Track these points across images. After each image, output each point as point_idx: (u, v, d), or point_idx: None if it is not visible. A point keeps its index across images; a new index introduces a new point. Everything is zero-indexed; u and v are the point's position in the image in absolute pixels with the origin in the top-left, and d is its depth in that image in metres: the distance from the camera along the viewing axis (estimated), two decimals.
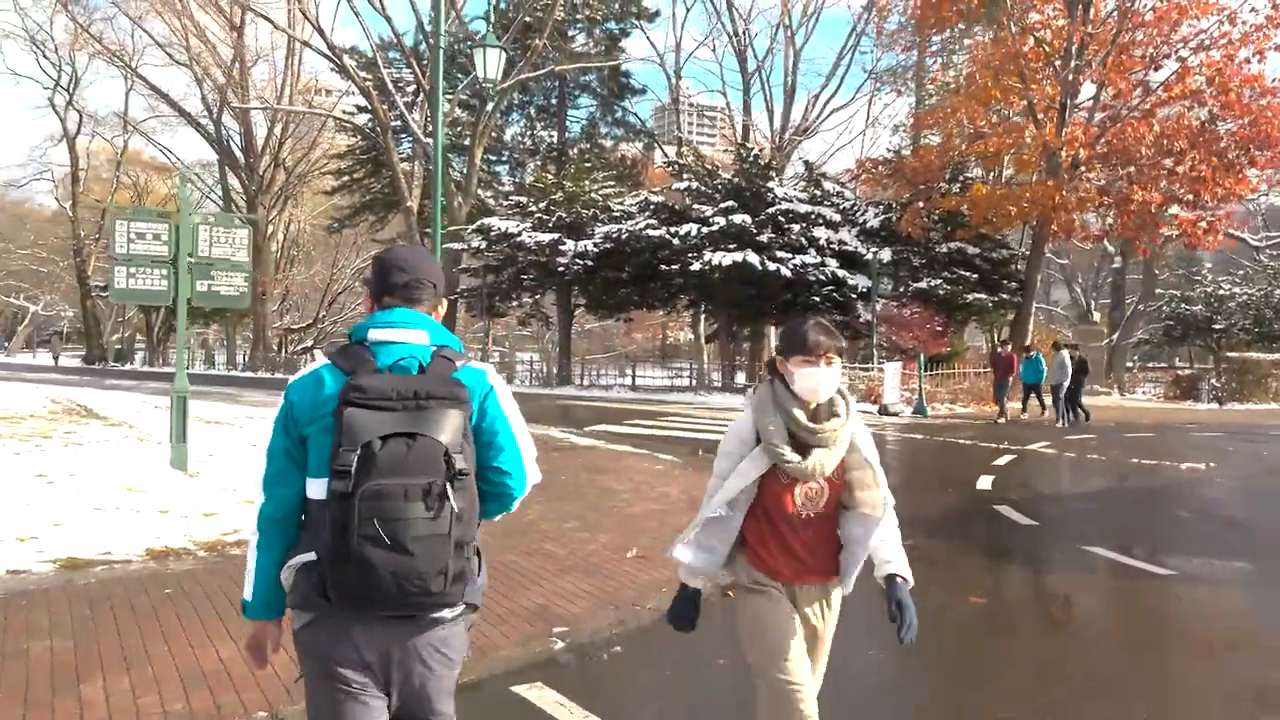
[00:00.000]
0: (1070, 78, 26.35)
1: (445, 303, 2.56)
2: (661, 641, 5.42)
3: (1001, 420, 21.54)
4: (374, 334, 2.31)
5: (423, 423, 2.13)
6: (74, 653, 4.91)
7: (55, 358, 59.52)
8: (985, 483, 11.84)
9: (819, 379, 2.87)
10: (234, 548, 7.39)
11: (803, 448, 2.88)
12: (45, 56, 50.90)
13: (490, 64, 11.99)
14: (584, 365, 40.04)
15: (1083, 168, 26.35)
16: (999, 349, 23.97)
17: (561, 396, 29.31)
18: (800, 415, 2.88)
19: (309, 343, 57.06)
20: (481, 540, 2.38)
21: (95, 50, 45.14)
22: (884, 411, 22.98)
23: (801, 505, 2.93)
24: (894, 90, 36.77)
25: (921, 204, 27.68)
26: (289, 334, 58.70)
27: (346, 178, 46.05)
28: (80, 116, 52.19)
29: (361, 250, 57.95)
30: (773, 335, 36.62)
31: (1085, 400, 21.90)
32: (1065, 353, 21.23)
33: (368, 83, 34.97)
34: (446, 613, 2.26)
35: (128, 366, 51.93)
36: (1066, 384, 20.79)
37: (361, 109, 40.46)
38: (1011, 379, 22.42)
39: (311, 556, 2.21)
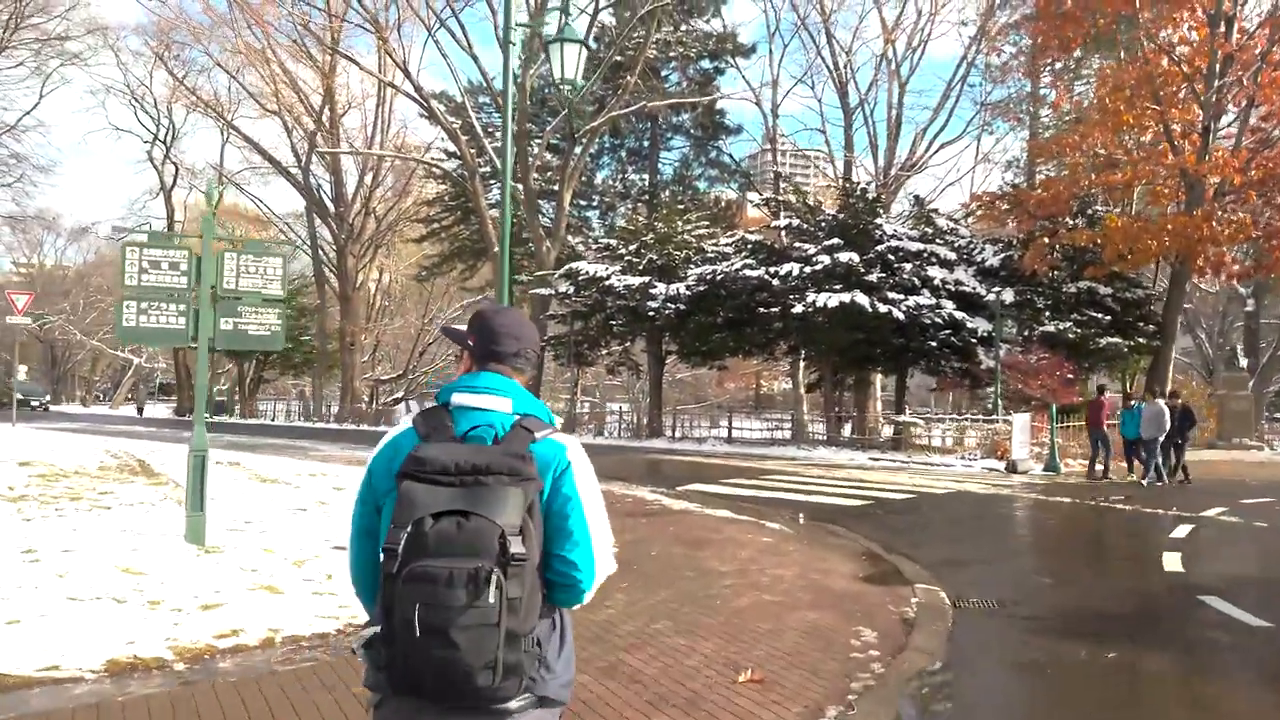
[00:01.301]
0: (1214, 98, 23.82)
1: (537, 369, 1.48)
2: None
3: (1102, 477, 19.08)
4: (457, 398, 2.20)
5: (479, 500, 1.95)
6: None
7: (139, 409, 60.11)
8: (1173, 562, 9.58)
9: None
10: (226, 656, 5.70)
11: None
12: (144, 110, 51.88)
13: (568, 62, 10.31)
14: (675, 416, 38.08)
15: (1230, 196, 23.69)
16: (1099, 395, 20.79)
17: (652, 450, 27.40)
18: None
19: (399, 394, 56.30)
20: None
21: (192, 102, 45.70)
22: (1012, 469, 20.55)
23: None
24: (1014, 118, 34.34)
25: (1047, 239, 25.23)
26: (379, 385, 58.12)
27: (435, 225, 45.34)
28: (176, 169, 52.95)
29: (453, 300, 57.35)
30: (879, 384, 34.30)
31: (1217, 455, 19.06)
32: (1161, 402, 18.60)
33: (455, 125, 34.09)
34: (512, 704, 2.00)
35: (216, 418, 51.51)
36: (1161, 438, 18.10)
37: (450, 154, 39.68)
38: (1106, 428, 19.59)
39: (377, 630, 2.02)
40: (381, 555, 1.95)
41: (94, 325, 74.05)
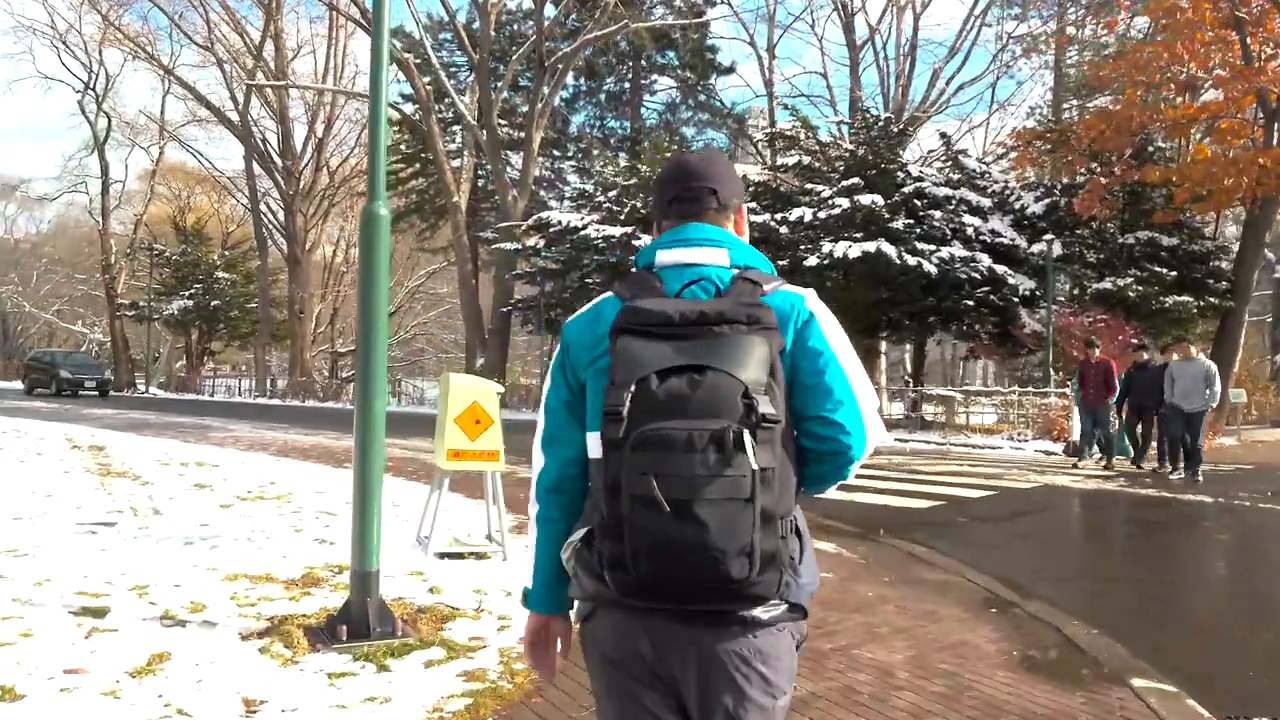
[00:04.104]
0: None
1: (746, 212, 1.91)
2: None
3: (1089, 462, 15.16)
4: (661, 255, 1.79)
5: (714, 353, 1.54)
6: None
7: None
8: None
9: None
10: None
11: None
12: (73, 55, 47.05)
13: None
14: None
15: None
16: (1089, 355, 15.21)
17: None
18: None
19: None
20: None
21: (121, 39, 40.99)
22: (1074, 452, 16.61)
23: None
24: (1058, 40, 30.32)
25: (1104, 180, 21.26)
26: (338, 358, 53.78)
27: (391, 177, 40.88)
28: (110, 121, 48.08)
29: (418, 265, 53.00)
30: (885, 352, 30.51)
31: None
32: (1203, 359, 13.69)
33: (410, 58, 29.75)
34: (760, 612, 1.61)
35: (151, 393, 46.59)
36: (1211, 408, 13.38)
37: (407, 98, 35.29)
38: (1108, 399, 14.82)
39: (588, 530, 1.67)
40: (602, 425, 1.55)
41: (48, 298, 70.26)
